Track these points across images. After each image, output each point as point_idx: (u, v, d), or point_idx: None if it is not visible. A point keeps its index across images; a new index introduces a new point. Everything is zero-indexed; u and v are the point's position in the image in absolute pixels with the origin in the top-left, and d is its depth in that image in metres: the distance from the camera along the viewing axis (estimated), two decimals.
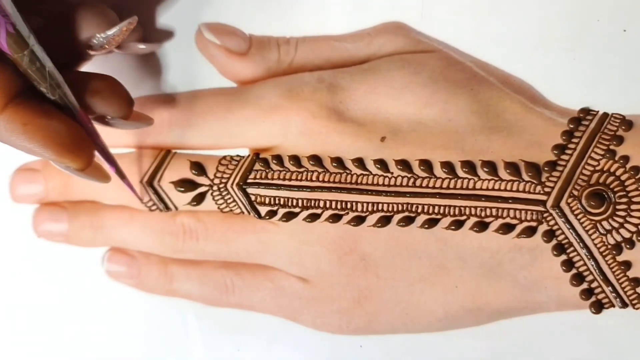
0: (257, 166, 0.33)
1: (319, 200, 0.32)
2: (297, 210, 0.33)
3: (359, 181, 0.32)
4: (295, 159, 0.33)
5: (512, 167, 0.31)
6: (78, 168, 0.29)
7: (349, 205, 0.32)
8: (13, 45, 0.26)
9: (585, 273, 0.31)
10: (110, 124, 0.31)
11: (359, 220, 0.32)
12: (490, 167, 0.31)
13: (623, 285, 0.31)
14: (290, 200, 0.33)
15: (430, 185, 0.31)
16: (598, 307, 0.31)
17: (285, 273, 0.34)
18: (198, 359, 0.36)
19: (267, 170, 0.33)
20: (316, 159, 0.32)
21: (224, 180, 0.34)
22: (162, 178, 0.34)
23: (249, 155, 0.34)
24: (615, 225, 0.30)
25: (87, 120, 0.29)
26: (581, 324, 0.32)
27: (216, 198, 0.34)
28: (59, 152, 0.28)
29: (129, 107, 0.30)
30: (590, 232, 0.30)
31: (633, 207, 0.30)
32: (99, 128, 0.31)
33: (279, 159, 0.33)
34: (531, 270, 0.31)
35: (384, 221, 0.32)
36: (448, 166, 0.31)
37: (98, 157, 0.31)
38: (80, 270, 0.37)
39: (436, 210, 0.31)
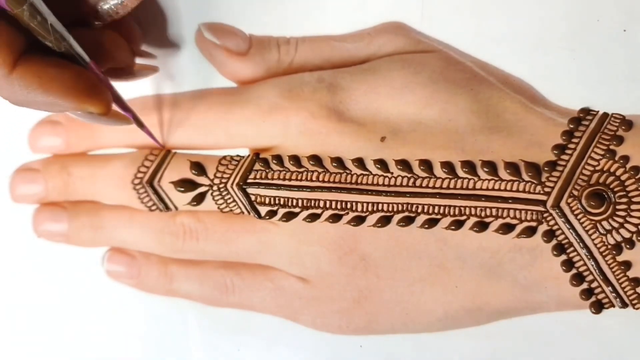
0: (257, 166, 0.33)
1: (319, 200, 0.32)
2: (297, 210, 0.33)
3: (359, 181, 0.32)
4: (295, 159, 0.33)
5: (512, 167, 0.31)
6: (101, 112, 0.29)
7: (349, 205, 0.32)
8: (11, 1, 0.26)
9: (585, 273, 0.31)
10: (121, 75, 0.31)
11: (359, 220, 0.32)
12: (490, 167, 0.31)
13: (623, 285, 0.30)
14: (290, 200, 0.33)
15: (430, 185, 0.31)
16: (598, 307, 0.31)
17: (285, 273, 0.34)
18: (198, 359, 0.36)
19: (267, 170, 0.33)
20: (316, 159, 0.32)
21: (224, 180, 0.33)
22: (162, 178, 0.34)
23: (249, 155, 0.34)
24: (615, 225, 0.30)
25: (98, 70, 0.29)
26: (581, 324, 0.32)
27: (216, 198, 0.34)
28: (79, 98, 0.28)
29: (132, 56, 0.32)
30: (590, 232, 0.30)
31: (633, 207, 0.30)
32: None
33: (279, 159, 0.33)
34: (531, 270, 0.31)
35: (384, 221, 0.32)
36: (448, 166, 0.31)
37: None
38: (80, 270, 0.37)
39: (436, 210, 0.31)
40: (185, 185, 0.34)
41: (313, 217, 0.32)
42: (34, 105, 0.28)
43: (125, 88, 0.34)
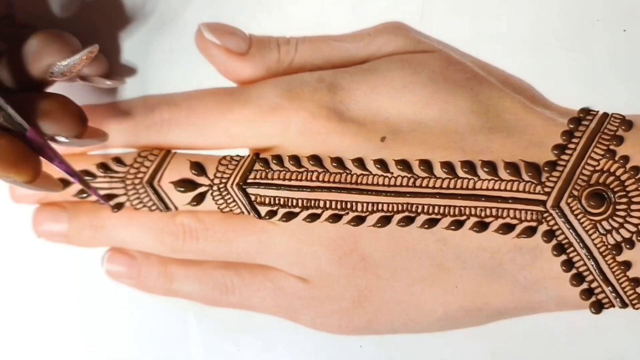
0: (257, 166, 0.33)
1: (319, 200, 0.32)
2: (297, 210, 0.33)
3: (359, 181, 0.32)
4: (295, 159, 0.33)
5: (512, 167, 0.31)
6: (24, 181, 0.29)
7: (349, 205, 0.32)
8: None
9: (585, 273, 0.31)
10: (62, 144, 0.30)
11: (359, 220, 0.32)
12: (490, 167, 0.31)
13: (623, 285, 0.31)
14: (290, 200, 0.33)
15: (430, 185, 0.31)
16: (598, 307, 0.31)
17: (285, 273, 0.34)
18: (198, 359, 0.36)
19: (267, 170, 0.33)
20: (316, 159, 0.32)
21: (224, 180, 0.34)
22: (162, 178, 0.34)
23: (249, 155, 0.34)
24: (615, 225, 0.30)
25: (39, 138, 0.29)
26: (581, 324, 0.32)
27: (216, 198, 0.34)
28: (2, 167, 0.28)
29: (81, 125, 0.31)
30: (590, 232, 0.30)
31: (633, 207, 0.30)
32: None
33: (279, 159, 0.33)
34: (531, 270, 0.31)
35: (384, 221, 0.32)
36: (448, 166, 0.31)
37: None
38: (80, 270, 0.37)
39: (436, 210, 0.31)
40: (185, 185, 0.34)
41: (313, 217, 0.32)
42: None
43: (124, 89, 0.34)
